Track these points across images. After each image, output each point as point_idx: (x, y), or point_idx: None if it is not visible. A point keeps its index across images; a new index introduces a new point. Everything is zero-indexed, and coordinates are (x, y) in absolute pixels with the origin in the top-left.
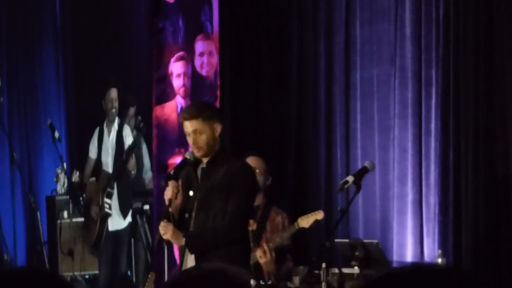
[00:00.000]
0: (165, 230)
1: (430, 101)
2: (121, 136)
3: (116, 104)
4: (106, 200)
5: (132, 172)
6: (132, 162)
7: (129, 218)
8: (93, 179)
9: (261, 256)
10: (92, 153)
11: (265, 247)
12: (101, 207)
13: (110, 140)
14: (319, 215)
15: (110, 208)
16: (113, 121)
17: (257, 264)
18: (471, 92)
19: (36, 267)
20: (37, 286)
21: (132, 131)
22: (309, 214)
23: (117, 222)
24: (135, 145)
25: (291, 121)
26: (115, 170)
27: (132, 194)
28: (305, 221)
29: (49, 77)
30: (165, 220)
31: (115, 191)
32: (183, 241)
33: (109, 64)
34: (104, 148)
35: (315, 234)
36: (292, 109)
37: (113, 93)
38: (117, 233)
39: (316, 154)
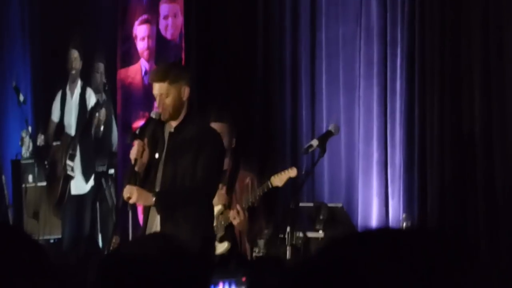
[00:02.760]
0: (130, 194)
1: (396, 61)
2: (84, 98)
3: (76, 65)
4: (69, 162)
5: (94, 132)
6: (95, 123)
7: (91, 182)
8: (58, 143)
9: (235, 217)
10: (55, 116)
11: (239, 207)
12: (64, 168)
13: (73, 101)
14: (292, 172)
15: (72, 170)
16: (75, 82)
17: (230, 225)
18: (436, 52)
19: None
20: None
21: (100, 92)
22: (282, 172)
23: (80, 185)
24: (99, 104)
25: (257, 81)
26: (78, 131)
27: (96, 157)
28: (278, 179)
29: (15, 39)
30: (128, 185)
31: (77, 153)
32: (151, 200)
33: (74, 25)
34: (67, 110)
35: (281, 196)
36: (258, 69)
37: (73, 53)
38: (79, 197)
39: (282, 114)
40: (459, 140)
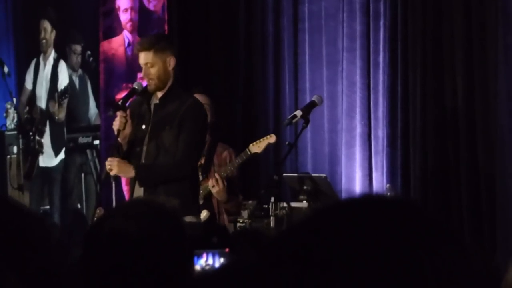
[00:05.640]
0: (111, 166)
1: (378, 34)
2: (56, 72)
3: (47, 35)
4: (38, 138)
5: (57, 118)
6: (61, 108)
7: (61, 156)
8: (29, 116)
9: (214, 185)
10: (28, 83)
11: (217, 176)
12: (35, 143)
13: (45, 72)
14: (271, 138)
15: (41, 146)
16: (46, 53)
17: (208, 195)
18: (418, 25)
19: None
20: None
21: (75, 70)
22: (261, 139)
23: (48, 159)
24: (71, 86)
25: (239, 55)
26: (48, 109)
27: (64, 133)
28: (257, 146)
29: None
30: (110, 157)
31: (47, 129)
32: (132, 172)
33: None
34: (39, 81)
35: (264, 168)
36: (240, 42)
37: (43, 24)
38: (47, 170)
39: (265, 87)
40: (441, 112)
